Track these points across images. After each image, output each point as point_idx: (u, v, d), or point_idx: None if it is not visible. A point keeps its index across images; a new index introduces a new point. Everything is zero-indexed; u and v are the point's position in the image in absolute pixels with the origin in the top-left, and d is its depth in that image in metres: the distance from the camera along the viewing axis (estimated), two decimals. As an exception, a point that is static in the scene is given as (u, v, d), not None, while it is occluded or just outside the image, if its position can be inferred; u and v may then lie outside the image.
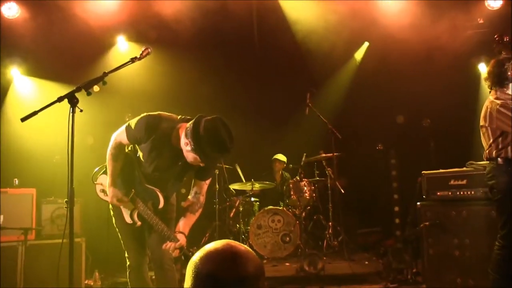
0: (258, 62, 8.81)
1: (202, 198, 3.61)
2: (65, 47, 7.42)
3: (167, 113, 3.47)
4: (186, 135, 3.19)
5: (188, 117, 3.41)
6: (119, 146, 3.59)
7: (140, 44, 8.02)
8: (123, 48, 8.22)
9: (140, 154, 3.54)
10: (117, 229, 3.80)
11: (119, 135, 3.54)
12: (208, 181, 3.62)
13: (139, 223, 3.58)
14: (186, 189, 3.87)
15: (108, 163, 3.61)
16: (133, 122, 3.44)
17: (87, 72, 6.88)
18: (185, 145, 3.21)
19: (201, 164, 3.28)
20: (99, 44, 7.85)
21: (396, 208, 7.18)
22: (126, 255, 3.82)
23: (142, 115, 3.45)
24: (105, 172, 3.76)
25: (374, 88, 8.13)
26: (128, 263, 3.81)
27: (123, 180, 3.65)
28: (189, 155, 3.23)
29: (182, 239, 3.38)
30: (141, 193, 3.57)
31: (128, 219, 3.64)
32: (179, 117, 3.45)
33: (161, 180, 3.57)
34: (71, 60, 7.47)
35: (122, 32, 8.11)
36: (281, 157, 8.35)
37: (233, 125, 3.21)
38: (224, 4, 7.59)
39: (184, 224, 3.52)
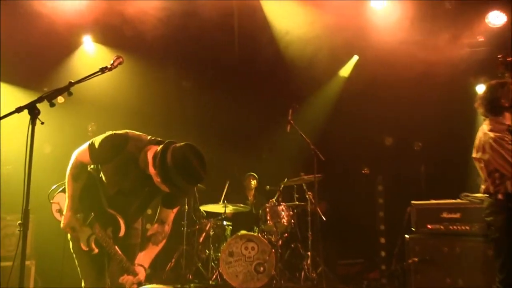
0: (236, 73, 8.86)
1: (167, 228, 3.60)
2: (28, 46, 7.35)
3: (135, 133, 3.47)
4: (153, 165, 3.21)
5: (159, 139, 3.42)
6: (80, 166, 3.54)
7: (108, 47, 7.97)
8: (90, 49, 8.18)
9: (102, 175, 3.51)
10: (74, 255, 3.73)
11: (81, 153, 3.50)
12: (175, 210, 3.62)
13: (96, 250, 3.53)
14: (153, 210, 3.84)
15: (68, 183, 3.55)
16: (97, 141, 3.41)
17: (51, 74, 6.82)
18: (155, 176, 3.23)
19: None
20: (64, 44, 7.80)
21: (382, 240, 7.21)
22: (83, 284, 3.73)
23: (107, 133, 3.42)
24: (63, 191, 3.71)
25: (362, 106, 8.19)
26: None
27: (82, 202, 3.59)
28: (161, 185, 3.24)
29: (141, 273, 3.37)
30: (100, 218, 3.52)
31: (84, 245, 3.58)
32: (148, 137, 3.45)
33: (124, 204, 3.54)
34: (34, 60, 7.41)
35: (89, 32, 8.08)
36: (252, 176, 8.46)
37: (206, 144, 3.22)
38: (202, 6, 7.58)
39: (144, 256, 3.51)
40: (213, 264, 7.37)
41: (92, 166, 3.62)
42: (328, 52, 8.04)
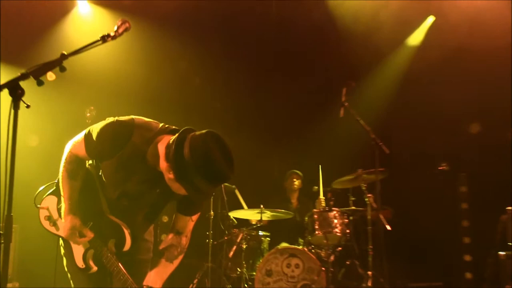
0: (273, 46, 8.87)
1: (184, 240, 3.61)
2: (7, 10, 7.34)
3: (143, 119, 3.45)
4: (166, 158, 3.14)
5: (174, 127, 3.39)
6: (76, 160, 3.53)
7: (109, 10, 7.98)
8: (85, 12, 8.18)
9: (102, 174, 3.51)
10: (68, 275, 3.72)
11: (76, 145, 3.50)
12: (195, 217, 3.62)
13: (94, 268, 3.53)
14: (169, 217, 3.80)
15: (63, 182, 3.54)
16: (95, 130, 3.39)
17: (37, 44, 6.81)
18: (167, 171, 3.16)
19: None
20: (53, 6, 7.83)
21: (467, 257, 7.11)
22: None
23: (107, 120, 3.41)
24: (53, 193, 3.72)
25: (438, 83, 8.15)
26: None
27: (78, 207, 3.58)
28: (174, 185, 3.19)
29: None
30: (100, 227, 3.52)
31: (80, 262, 3.57)
32: (160, 125, 3.43)
33: (130, 210, 3.53)
34: (16, 28, 7.45)
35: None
36: (295, 173, 8.49)
37: (237, 135, 3.13)
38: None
39: (156, 276, 3.50)
40: (246, 285, 7.37)
41: (90, 162, 3.62)
42: (393, 14, 7.99)
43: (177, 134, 3.17)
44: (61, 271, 3.80)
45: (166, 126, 3.40)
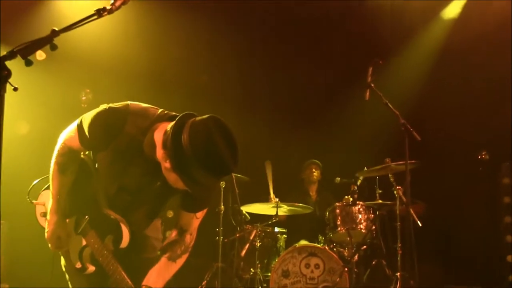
0: (292, 20, 8.83)
1: (189, 238, 3.58)
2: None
3: (139, 105, 3.44)
4: (163, 145, 3.13)
5: (173, 114, 3.37)
6: (69, 153, 3.54)
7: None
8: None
9: (98, 165, 3.52)
10: (66, 275, 3.75)
11: (69, 137, 3.50)
12: (200, 214, 3.58)
13: (91, 268, 3.51)
14: (175, 212, 3.87)
15: (53, 176, 3.57)
16: (86, 119, 3.40)
17: (25, 22, 6.78)
18: (163, 159, 3.14)
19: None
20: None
21: (510, 258, 7.04)
22: None
23: (100, 107, 3.40)
24: (49, 187, 3.71)
25: (475, 64, 8.06)
26: None
27: (73, 201, 3.63)
28: (170, 176, 3.17)
29: None
30: (97, 223, 3.51)
31: (76, 261, 3.56)
32: (159, 111, 3.41)
33: (129, 205, 3.52)
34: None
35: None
36: (313, 164, 8.53)
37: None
38: None
39: (156, 276, 3.48)
40: (260, 288, 7.38)
41: (87, 152, 3.63)
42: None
43: (176, 119, 3.14)
44: (58, 273, 3.82)
45: (165, 112, 3.39)
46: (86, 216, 3.52)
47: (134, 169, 3.38)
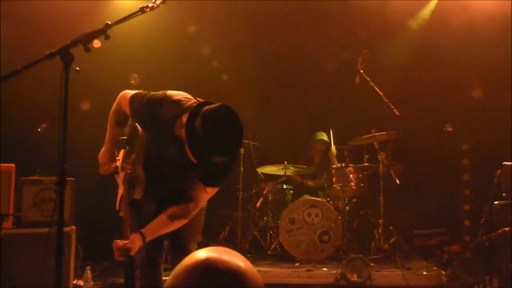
0: (293, 13, 8.58)
1: (192, 207, 3.41)
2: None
3: (176, 95, 3.37)
4: (183, 125, 3.07)
5: (200, 102, 3.25)
6: (123, 113, 3.59)
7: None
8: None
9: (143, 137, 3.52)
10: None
11: (124, 102, 3.52)
12: (210, 190, 3.43)
13: (121, 213, 3.48)
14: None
15: (109, 126, 3.68)
16: (137, 98, 3.41)
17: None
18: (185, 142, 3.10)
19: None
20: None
21: (467, 207, 7.12)
22: None
23: (144, 95, 3.39)
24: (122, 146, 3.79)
25: (444, 51, 7.93)
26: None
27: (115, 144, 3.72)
28: (189, 152, 3.09)
29: (135, 241, 3.22)
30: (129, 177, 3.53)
31: (117, 206, 3.59)
32: (192, 101, 3.31)
33: (163, 172, 3.51)
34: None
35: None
36: (324, 136, 8.32)
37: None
38: None
39: (151, 227, 3.34)
40: (271, 232, 7.49)
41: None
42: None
43: (193, 106, 3.10)
44: (110, 216, 3.84)
45: (194, 102, 3.29)
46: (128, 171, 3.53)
47: (169, 146, 3.33)
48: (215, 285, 1.30)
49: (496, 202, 5.11)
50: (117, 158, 3.79)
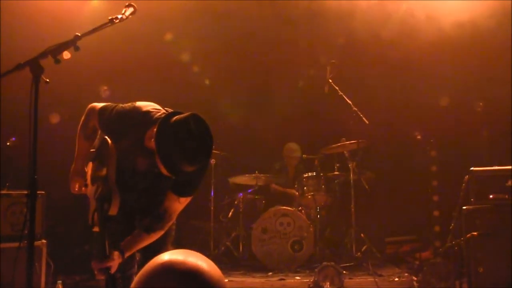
0: (265, 25, 8.55)
1: (167, 219, 3.39)
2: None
3: (144, 106, 3.35)
4: (153, 136, 3.05)
5: (170, 112, 3.24)
6: (91, 126, 3.56)
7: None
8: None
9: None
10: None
11: (93, 114, 3.49)
12: (183, 200, 3.40)
13: (96, 228, 3.33)
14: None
15: (77, 141, 3.62)
16: (106, 110, 3.39)
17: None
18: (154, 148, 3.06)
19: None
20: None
21: (436, 213, 7.15)
22: None
23: (113, 108, 3.38)
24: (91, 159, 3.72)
25: (412, 61, 7.98)
26: None
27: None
28: (159, 163, 3.05)
29: (115, 259, 3.17)
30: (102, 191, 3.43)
31: (90, 219, 3.47)
32: (161, 112, 3.31)
33: (135, 184, 3.47)
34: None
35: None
36: (295, 150, 8.31)
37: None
38: None
39: (129, 242, 3.32)
40: (244, 242, 7.49)
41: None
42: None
43: (163, 116, 3.09)
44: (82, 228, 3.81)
45: (164, 111, 3.31)
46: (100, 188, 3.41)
47: (140, 158, 3.30)
48: (177, 286, 1.34)
49: (464, 207, 5.18)
50: (85, 170, 3.73)
